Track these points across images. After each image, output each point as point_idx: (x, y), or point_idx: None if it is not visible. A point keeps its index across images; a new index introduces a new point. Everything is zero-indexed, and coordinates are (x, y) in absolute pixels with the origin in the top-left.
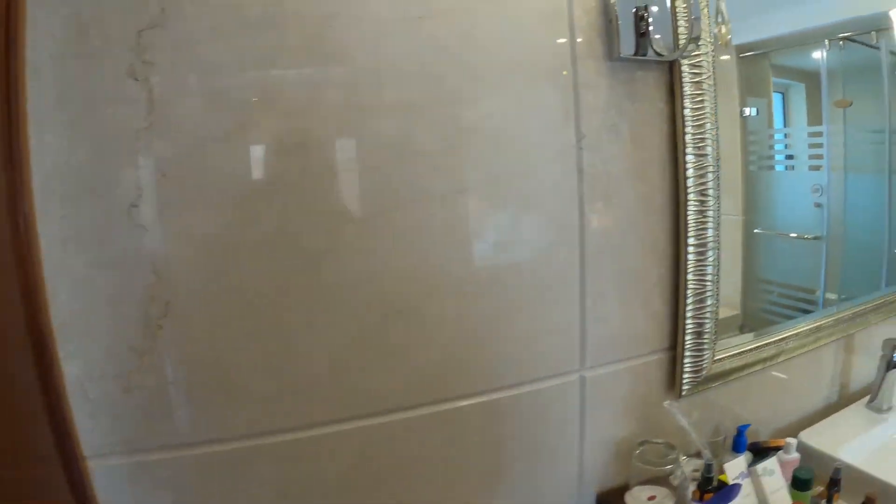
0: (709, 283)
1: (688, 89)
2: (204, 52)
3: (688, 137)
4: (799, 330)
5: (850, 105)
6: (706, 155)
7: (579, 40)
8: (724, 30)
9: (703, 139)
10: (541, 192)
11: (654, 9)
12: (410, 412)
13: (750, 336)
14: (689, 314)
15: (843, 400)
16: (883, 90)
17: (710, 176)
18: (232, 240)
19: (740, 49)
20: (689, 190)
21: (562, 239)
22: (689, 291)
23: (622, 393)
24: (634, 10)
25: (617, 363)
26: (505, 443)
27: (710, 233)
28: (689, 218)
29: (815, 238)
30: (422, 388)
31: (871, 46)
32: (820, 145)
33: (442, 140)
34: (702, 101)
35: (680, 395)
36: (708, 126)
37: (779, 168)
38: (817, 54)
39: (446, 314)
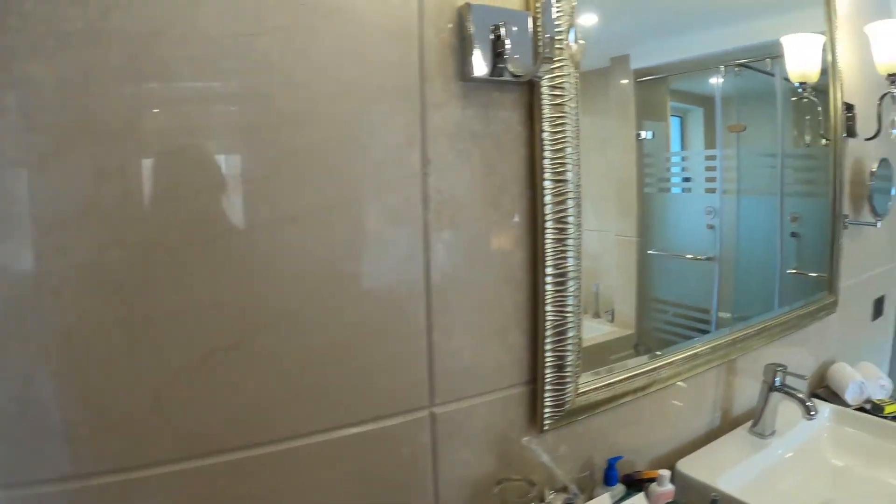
0: (569, 315)
1: (547, 111)
2: (23, 69)
3: (546, 162)
4: (673, 359)
5: (744, 130)
6: (565, 181)
7: (429, 60)
8: (575, 49)
9: (562, 164)
10: (381, 221)
11: (514, 28)
12: (238, 453)
13: (629, 363)
14: (548, 347)
15: (727, 425)
16: (776, 115)
17: (571, 202)
18: (45, 271)
19: (638, 73)
20: (547, 217)
21: (404, 270)
22: (547, 323)
23: (479, 429)
24: (492, 27)
25: (472, 398)
26: (347, 485)
27: (570, 262)
28: (546, 247)
29: (709, 259)
30: (250, 427)
31: (766, 73)
32: (714, 168)
33: (270, 165)
34: (562, 123)
35: (542, 430)
36: (569, 150)
37: (675, 190)
38: (715, 80)
39: (277, 349)
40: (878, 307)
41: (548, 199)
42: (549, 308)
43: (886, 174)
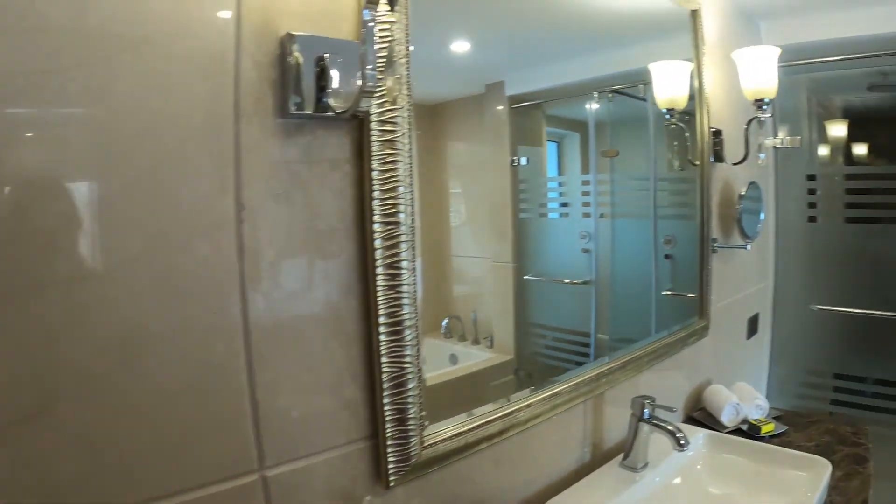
0: (408, 366)
1: (376, 149)
2: None
3: (375, 203)
4: (531, 401)
5: (617, 155)
6: (397, 223)
7: (246, 95)
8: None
9: (394, 204)
10: (192, 274)
11: (339, 59)
12: None
13: (484, 408)
14: (387, 400)
15: (598, 459)
16: (649, 140)
17: (404, 246)
18: None
19: (513, 100)
20: (378, 263)
21: (220, 326)
22: (384, 376)
23: (320, 489)
24: (317, 59)
25: (307, 458)
26: None
27: (405, 310)
28: (378, 295)
29: (585, 283)
30: None
31: (639, 98)
32: (588, 193)
33: (65, 217)
34: (393, 161)
35: (388, 486)
36: (401, 189)
37: (553, 216)
38: (589, 106)
39: (83, 419)
40: (753, 325)
41: (378, 243)
42: (384, 360)
43: (755, 196)
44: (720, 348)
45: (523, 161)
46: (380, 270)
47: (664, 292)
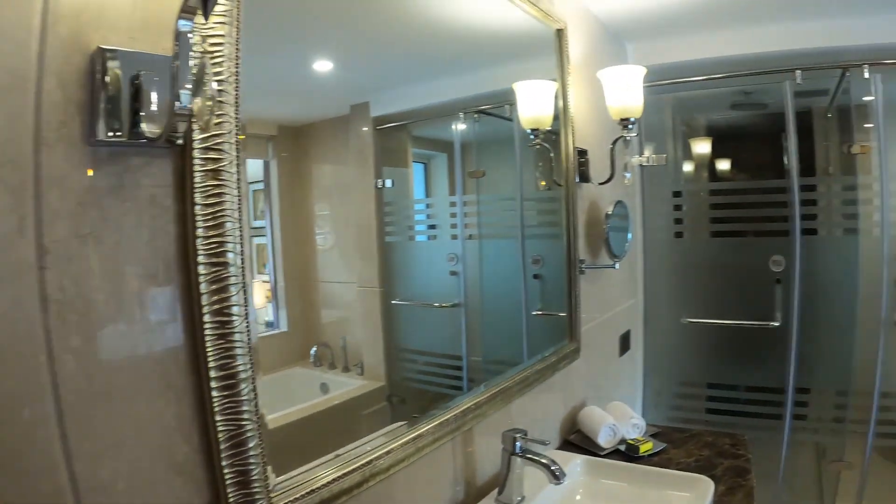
0: (247, 423)
1: (200, 180)
2: None
3: (199, 242)
4: (392, 447)
5: (484, 175)
6: (226, 263)
7: (49, 120)
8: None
9: (221, 243)
10: None
11: (156, 78)
12: None
13: (328, 465)
14: (225, 462)
15: (472, 496)
16: (515, 160)
17: (234, 289)
18: None
19: (379, 121)
20: (205, 310)
21: (27, 391)
22: (220, 436)
23: None
24: (132, 77)
25: None
26: None
27: (239, 361)
28: (207, 345)
29: (454, 305)
30: None
31: (505, 119)
32: (455, 214)
33: None
34: (220, 194)
35: None
36: (229, 226)
37: (420, 238)
38: (459, 126)
39: None
40: (625, 342)
41: (203, 287)
42: (219, 419)
43: (622, 214)
44: (593, 368)
45: (388, 183)
46: (207, 318)
47: (534, 312)
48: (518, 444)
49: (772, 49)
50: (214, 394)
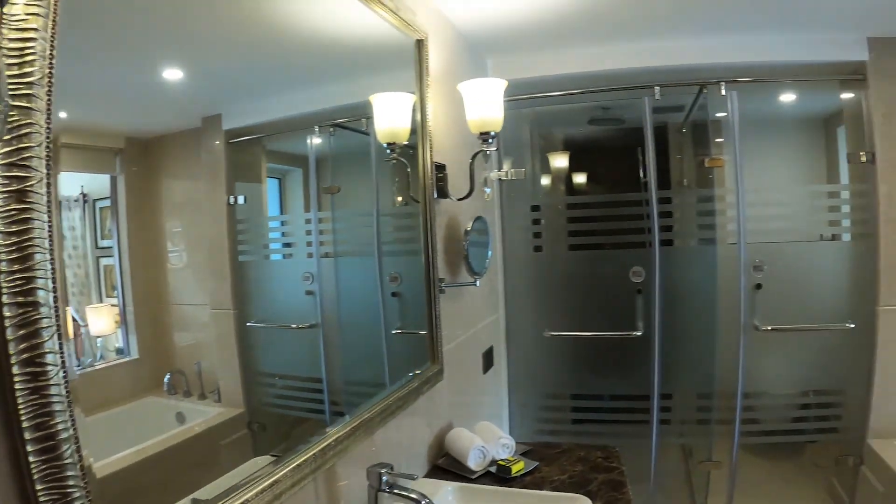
0: (74, 491)
1: (1, 203)
2: None
3: (2, 279)
4: (246, 497)
5: (339, 191)
6: (36, 303)
7: None
8: None
9: (28, 279)
10: None
11: None
12: None
13: None
14: None
15: None
16: (372, 176)
17: (47, 334)
18: None
19: (231, 134)
20: (12, 359)
21: None
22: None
23: None
24: None
25: None
26: None
27: (58, 419)
28: (19, 401)
29: (312, 326)
30: None
31: (362, 133)
32: (310, 232)
33: None
34: (26, 220)
35: None
36: (38, 258)
37: (276, 257)
38: (314, 140)
39: None
40: (488, 359)
41: (10, 332)
42: (40, 488)
43: (482, 230)
44: (458, 388)
45: (241, 199)
46: (16, 370)
47: (394, 331)
48: (384, 478)
49: (631, 66)
50: (32, 459)
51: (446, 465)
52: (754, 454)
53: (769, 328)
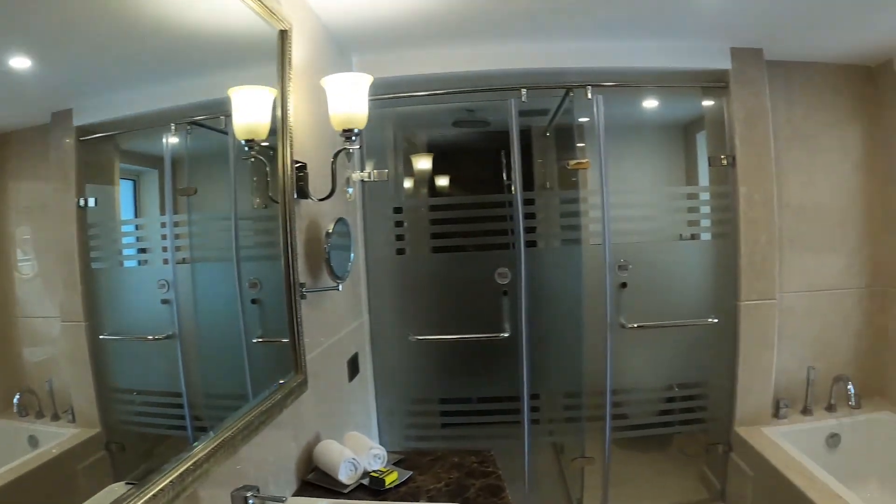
0: None
1: None
2: None
3: None
4: None
5: (195, 193)
6: None
7: None
8: None
9: None
10: None
11: None
12: None
13: None
14: None
15: None
16: (230, 176)
17: None
18: None
19: (83, 131)
20: None
21: None
22: None
23: None
24: None
25: None
26: None
27: None
28: None
29: (169, 337)
30: None
31: (220, 131)
32: (166, 236)
33: None
34: None
35: None
36: None
37: (130, 264)
38: (170, 139)
39: None
40: (354, 366)
41: None
42: None
43: (343, 232)
44: (324, 398)
45: (92, 202)
46: None
47: (255, 340)
48: (250, 502)
49: (498, 67)
50: None
51: (316, 480)
52: (626, 448)
53: (635, 325)
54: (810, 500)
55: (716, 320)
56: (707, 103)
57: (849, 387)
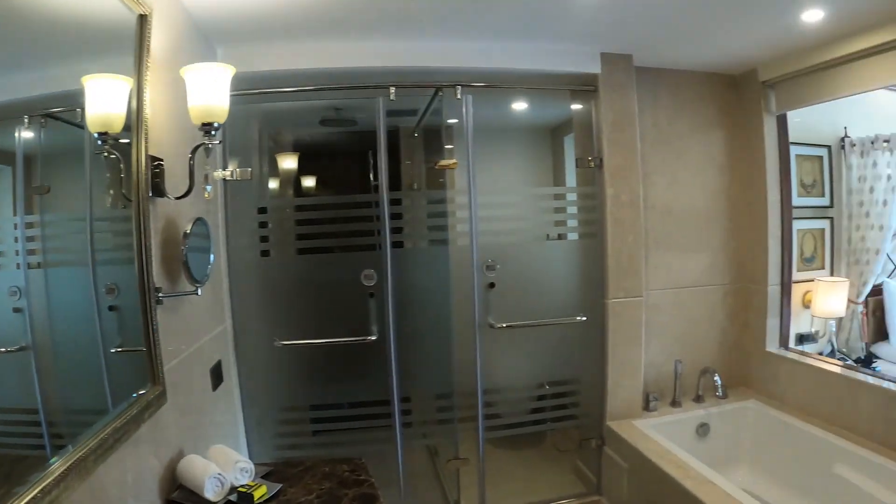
0: None
1: None
2: None
3: None
4: None
5: (49, 191)
6: None
7: None
8: None
9: None
10: None
11: None
12: None
13: None
14: None
15: None
16: (85, 173)
17: None
18: None
19: None
20: None
21: None
22: None
23: None
24: None
25: None
26: None
27: None
28: None
29: (22, 349)
30: None
31: (76, 125)
32: (17, 239)
33: None
34: None
35: None
36: None
37: None
38: (23, 133)
39: None
40: (217, 375)
41: None
42: None
43: (203, 233)
44: (186, 410)
45: None
46: None
47: (114, 349)
48: None
49: (368, 65)
50: None
51: (182, 499)
52: (500, 447)
53: (504, 325)
54: (683, 488)
55: (584, 318)
56: (576, 106)
57: (715, 378)
